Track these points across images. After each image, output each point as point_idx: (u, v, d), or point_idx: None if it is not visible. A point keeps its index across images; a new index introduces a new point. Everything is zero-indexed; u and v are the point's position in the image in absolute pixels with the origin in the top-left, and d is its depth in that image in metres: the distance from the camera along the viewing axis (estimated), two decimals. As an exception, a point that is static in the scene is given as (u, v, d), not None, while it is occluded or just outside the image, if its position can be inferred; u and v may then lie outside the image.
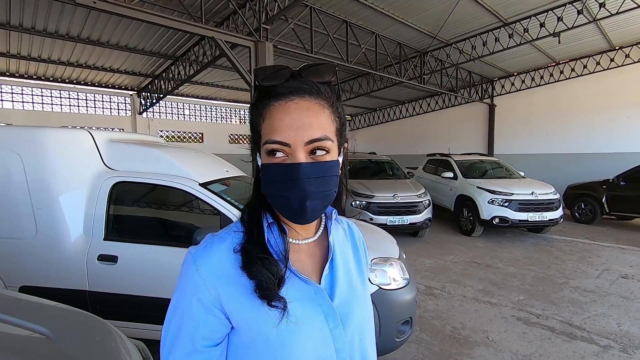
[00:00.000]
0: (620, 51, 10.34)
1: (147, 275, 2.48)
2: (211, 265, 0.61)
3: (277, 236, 0.64)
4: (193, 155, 3.19)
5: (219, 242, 0.63)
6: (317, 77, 0.61)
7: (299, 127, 0.57)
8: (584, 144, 11.16)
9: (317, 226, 0.71)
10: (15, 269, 2.56)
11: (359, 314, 0.69)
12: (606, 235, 7.05)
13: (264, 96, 0.60)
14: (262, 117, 0.60)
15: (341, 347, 0.63)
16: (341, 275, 0.69)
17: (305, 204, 0.58)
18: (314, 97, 0.60)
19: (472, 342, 3.05)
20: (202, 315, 0.60)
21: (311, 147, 0.58)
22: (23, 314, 1.26)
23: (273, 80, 0.60)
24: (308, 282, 0.63)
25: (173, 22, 5.34)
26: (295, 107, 0.58)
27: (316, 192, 0.58)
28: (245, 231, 0.64)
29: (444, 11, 7.59)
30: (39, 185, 2.53)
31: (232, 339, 0.63)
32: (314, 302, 0.63)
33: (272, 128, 0.58)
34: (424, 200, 6.52)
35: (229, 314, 0.60)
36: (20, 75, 10.70)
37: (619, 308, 3.70)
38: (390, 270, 2.56)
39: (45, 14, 7.20)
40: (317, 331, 0.62)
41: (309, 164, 0.57)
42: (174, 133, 15.32)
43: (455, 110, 14.95)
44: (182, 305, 0.61)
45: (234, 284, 0.60)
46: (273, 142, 0.58)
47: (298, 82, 0.60)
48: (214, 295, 0.60)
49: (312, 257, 0.69)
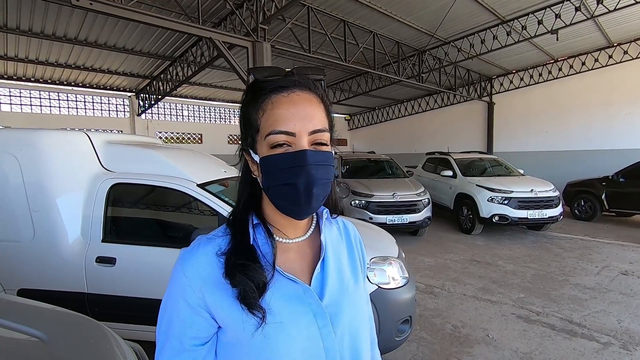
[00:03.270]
0: (618, 48, 10.34)
1: (146, 277, 2.47)
2: (197, 267, 0.62)
3: (263, 238, 0.65)
4: (190, 156, 3.18)
5: (205, 244, 0.64)
6: (312, 75, 0.65)
7: (303, 117, 0.59)
8: (583, 140, 11.16)
9: (308, 225, 0.72)
10: (13, 272, 2.55)
11: (350, 314, 0.68)
12: (606, 232, 7.04)
13: (262, 91, 0.61)
14: (263, 110, 0.60)
15: (330, 345, 0.63)
16: (332, 275, 0.69)
17: (312, 190, 0.59)
18: (312, 92, 0.63)
19: (472, 340, 3.05)
20: (189, 316, 0.61)
21: (313, 138, 0.60)
22: (17, 317, 1.25)
23: (273, 76, 0.62)
24: (296, 282, 0.64)
25: (170, 23, 5.33)
26: (298, 98, 0.60)
27: (321, 178, 0.60)
28: (231, 234, 0.65)
29: (441, 9, 7.59)
30: (36, 187, 2.52)
31: (220, 337, 0.64)
32: (302, 301, 0.63)
33: (275, 119, 0.59)
34: (424, 199, 6.52)
35: (214, 315, 0.61)
36: (18, 77, 10.69)
37: (619, 305, 3.70)
38: (389, 269, 2.55)
39: (43, 16, 7.19)
40: (305, 330, 0.62)
41: (313, 151, 0.59)
42: (173, 134, 15.31)
43: (453, 109, 14.94)
44: (170, 305, 0.63)
45: (219, 286, 0.61)
46: (278, 132, 0.58)
47: (296, 77, 0.62)
48: (199, 297, 0.61)
49: (302, 257, 0.69)
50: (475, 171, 7.91)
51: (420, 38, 9.39)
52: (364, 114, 19.08)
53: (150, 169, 2.70)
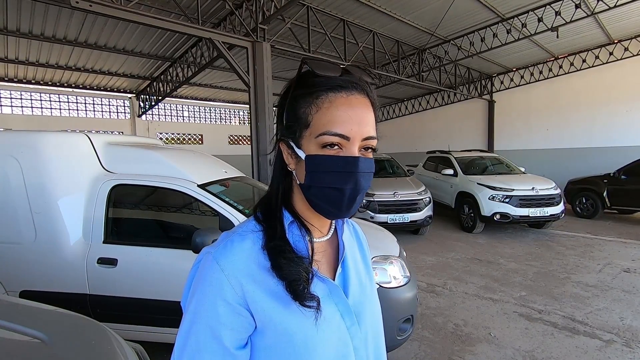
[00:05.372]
0: (619, 44, 10.30)
1: (147, 278, 2.48)
2: (235, 263, 0.58)
3: (298, 234, 0.63)
4: (191, 156, 3.19)
5: (239, 240, 0.60)
6: (366, 78, 0.62)
7: (360, 121, 0.58)
8: (584, 138, 11.13)
9: (330, 224, 0.71)
10: (16, 273, 2.56)
11: (371, 312, 0.69)
12: (608, 229, 7.03)
13: (319, 86, 0.58)
14: (318, 107, 0.58)
15: (358, 344, 0.64)
16: (352, 274, 0.69)
17: (357, 197, 0.59)
18: (368, 96, 0.61)
19: (474, 338, 3.05)
20: (229, 316, 0.56)
21: (364, 144, 0.59)
22: (19, 318, 1.25)
23: (330, 72, 0.59)
24: (324, 281, 0.63)
25: (170, 23, 5.33)
26: (357, 101, 0.59)
27: (365, 186, 0.59)
28: (266, 229, 0.62)
29: (441, 8, 7.58)
30: (38, 189, 2.53)
31: (254, 341, 0.59)
32: (330, 300, 0.62)
33: (331, 119, 0.57)
34: (425, 197, 6.52)
35: (254, 314, 0.57)
36: (19, 80, 10.71)
37: (621, 302, 3.69)
38: (390, 269, 2.55)
39: (42, 18, 7.20)
40: (336, 330, 0.61)
41: (364, 158, 0.59)
42: (174, 135, 15.33)
43: (454, 107, 14.91)
44: (205, 306, 0.57)
45: (259, 283, 0.58)
46: (333, 134, 0.56)
47: (354, 78, 0.60)
48: (239, 294, 0.56)
49: (325, 256, 0.68)
50: (476, 169, 7.90)
51: (420, 37, 9.37)
52: (365, 113, 19.04)
53: (151, 170, 2.71)
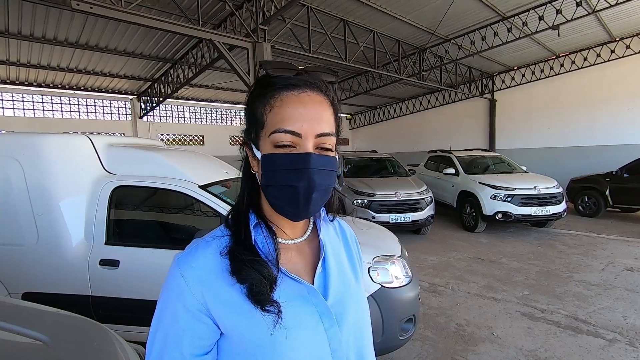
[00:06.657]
0: (620, 42, 10.26)
1: (149, 279, 2.48)
2: (196, 269, 0.58)
3: (265, 236, 0.62)
4: (192, 157, 3.19)
5: (204, 246, 0.61)
6: (326, 77, 0.63)
7: (312, 118, 0.57)
8: (586, 136, 11.09)
9: (306, 225, 0.70)
10: (18, 275, 2.56)
11: (355, 312, 0.67)
12: (610, 228, 7.00)
13: (272, 86, 0.59)
14: (270, 106, 0.58)
15: (337, 347, 0.62)
16: (334, 274, 0.67)
17: (311, 195, 0.57)
18: (323, 94, 0.61)
19: (476, 338, 3.04)
20: (189, 322, 0.57)
21: (319, 141, 0.58)
22: (21, 320, 1.25)
23: (284, 72, 0.59)
24: (300, 282, 0.62)
25: (170, 25, 5.34)
26: (308, 98, 0.58)
27: (321, 184, 0.58)
28: (232, 234, 0.62)
29: (441, 7, 7.57)
30: (39, 191, 2.53)
31: (221, 346, 0.60)
32: (307, 302, 0.61)
33: (282, 117, 0.57)
34: (426, 197, 6.51)
35: (217, 320, 0.58)
36: (20, 82, 10.73)
37: (624, 301, 3.67)
38: (392, 268, 2.54)
39: (44, 21, 7.22)
40: (311, 332, 0.60)
41: (318, 155, 0.58)
42: (175, 136, 15.34)
43: (455, 106, 14.88)
44: (167, 312, 0.58)
45: (222, 289, 0.57)
46: (284, 131, 0.56)
47: (309, 76, 0.60)
48: (200, 301, 0.57)
49: (303, 257, 0.67)
50: (478, 169, 7.89)
51: (420, 36, 9.36)
52: (365, 113, 19.04)
53: (152, 171, 2.71)
